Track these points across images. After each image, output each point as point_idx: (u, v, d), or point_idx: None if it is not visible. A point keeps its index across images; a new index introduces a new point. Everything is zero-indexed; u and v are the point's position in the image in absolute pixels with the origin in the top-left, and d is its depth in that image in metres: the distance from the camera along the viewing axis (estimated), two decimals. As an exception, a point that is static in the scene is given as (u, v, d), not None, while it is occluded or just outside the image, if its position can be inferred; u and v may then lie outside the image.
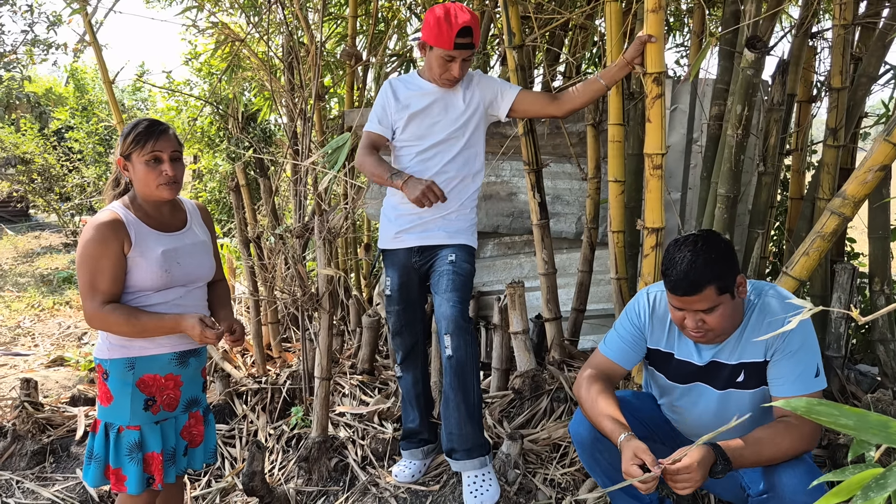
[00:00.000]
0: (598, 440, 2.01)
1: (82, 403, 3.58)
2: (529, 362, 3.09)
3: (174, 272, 2.05)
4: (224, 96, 7.22)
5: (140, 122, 2.04)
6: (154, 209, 2.09)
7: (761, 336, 1.89)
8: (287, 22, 4.08)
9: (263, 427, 3.26)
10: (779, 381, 1.91)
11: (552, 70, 4.29)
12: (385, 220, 2.73)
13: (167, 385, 2.10)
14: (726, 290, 1.84)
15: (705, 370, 2.03)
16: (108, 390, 2.05)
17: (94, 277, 1.95)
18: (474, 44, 2.47)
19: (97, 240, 1.94)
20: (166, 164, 2.01)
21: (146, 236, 2.02)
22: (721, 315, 1.86)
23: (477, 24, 2.49)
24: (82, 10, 3.93)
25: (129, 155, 2.01)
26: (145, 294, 2.03)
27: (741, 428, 1.68)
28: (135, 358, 2.04)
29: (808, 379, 1.88)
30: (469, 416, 2.51)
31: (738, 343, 1.96)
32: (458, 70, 2.51)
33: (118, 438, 2.04)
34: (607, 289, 3.75)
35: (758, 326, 1.94)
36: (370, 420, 3.16)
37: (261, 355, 3.74)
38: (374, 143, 2.66)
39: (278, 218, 4.00)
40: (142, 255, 1.99)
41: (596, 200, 3.47)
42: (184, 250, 2.10)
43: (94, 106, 11.48)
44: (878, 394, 2.71)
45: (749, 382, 1.97)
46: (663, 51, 2.48)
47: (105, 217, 1.97)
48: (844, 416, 0.73)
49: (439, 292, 2.54)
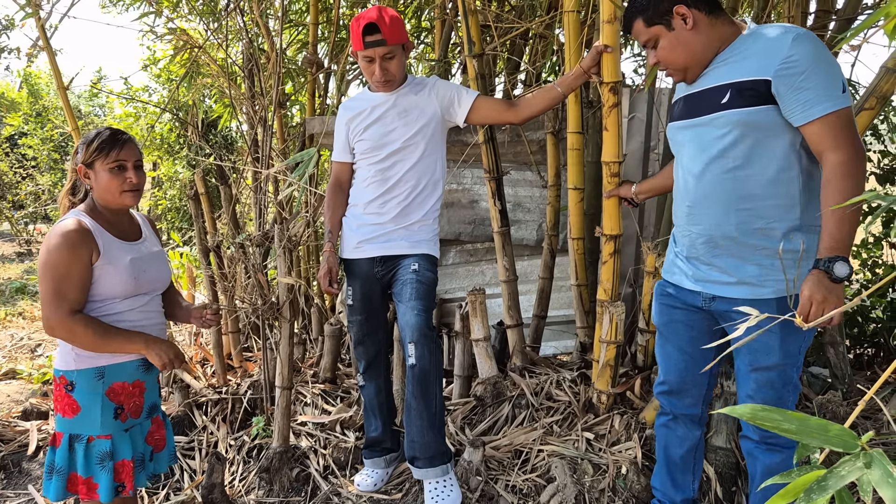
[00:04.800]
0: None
1: (35, 417, 3.49)
2: (491, 369, 3.11)
3: (141, 280, 2.07)
4: (184, 103, 7.12)
5: (103, 131, 2.06)
6: (115, 218, 2.09)
7: (747, 52, 1.81)
8: (247, 29, 4.05)
9: (224, 438, 3.21)
10: (800, 105, 1.71)
11: (513, 79, 4.33)
12: (347, 229, 2.73)
13: (134, 392, 2.10)
14: (657, 22, 1.89)
15: (691, 102, 1.96)
16: (73, 402, 2.02)
17: (62, 285, 1.92)
18: (386, 40, 2.45)
19: (66, 247, 1.92)
20: (130, 172, 2.04)
21: (112, 245, 2.02)
22: (665, 48, 1.91)
23: (389, 20, 2.46)
24: (35, 15, 3.85)
25: (91, 163, 2.02)
26: (112, 302, 2.02)
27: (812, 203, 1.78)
28: (104, 367, 2.02)
29: (836, 94, 1.69)
30: (431, 424, 2.51)
31: (719, 68, 1.87)
32: (381, 70, 2.50)
33: (88, 449, 2.02)
34: (568, 295, 3.79)
35: (744, 45, 1.83)
36: (332, 429, 3.15)
37: (221, 365, 3.69)
38: (339, 178, 2.75)
39: (239, 226, 3.95)
40: (110, 263, 1.99)
41: (556, 208, 3.51)
42: (146, 259, 2.12)
43: (49, 112, 11.20)
44: (829, 395, 2.78)
45: (735, 102, 1.81)
46: (619, 61, 2.53)
47: (73, 225, 1.95)
48: (787, 421, 0.75)
49: (403, 301, 2.55)
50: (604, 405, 2.84)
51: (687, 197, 1.98)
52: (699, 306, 2.02)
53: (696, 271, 2.00)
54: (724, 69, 1.85)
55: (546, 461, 2.66)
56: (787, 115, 1.75)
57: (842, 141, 1.69)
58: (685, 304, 2.08)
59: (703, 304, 2.00)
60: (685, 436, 2.25)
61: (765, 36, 1.80)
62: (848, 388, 3.09)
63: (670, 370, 2.20)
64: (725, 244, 1.90)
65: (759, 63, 1.76)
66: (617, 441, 2.71)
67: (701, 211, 1.94)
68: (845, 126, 1.69)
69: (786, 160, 1.80)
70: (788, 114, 1.74)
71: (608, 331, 2.69)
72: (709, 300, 1.98)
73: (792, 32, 1.74)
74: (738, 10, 3.10)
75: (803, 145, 1.79)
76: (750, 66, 1.78)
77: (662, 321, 2.19)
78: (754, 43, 1.81)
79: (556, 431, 2.82)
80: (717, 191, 1.88)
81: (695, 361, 2.14)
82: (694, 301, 2.04)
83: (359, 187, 2.69)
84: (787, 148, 1.79)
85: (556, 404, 2.98)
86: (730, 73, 1.83)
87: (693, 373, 2.15)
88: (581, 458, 2.62)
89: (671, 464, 2.29)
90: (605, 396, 2.82)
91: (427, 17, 5.16)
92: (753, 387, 1.96)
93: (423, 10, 4.99)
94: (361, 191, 2.68)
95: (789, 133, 1.78)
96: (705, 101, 1.89)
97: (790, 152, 1.80)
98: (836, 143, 1.69)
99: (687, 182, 1.98)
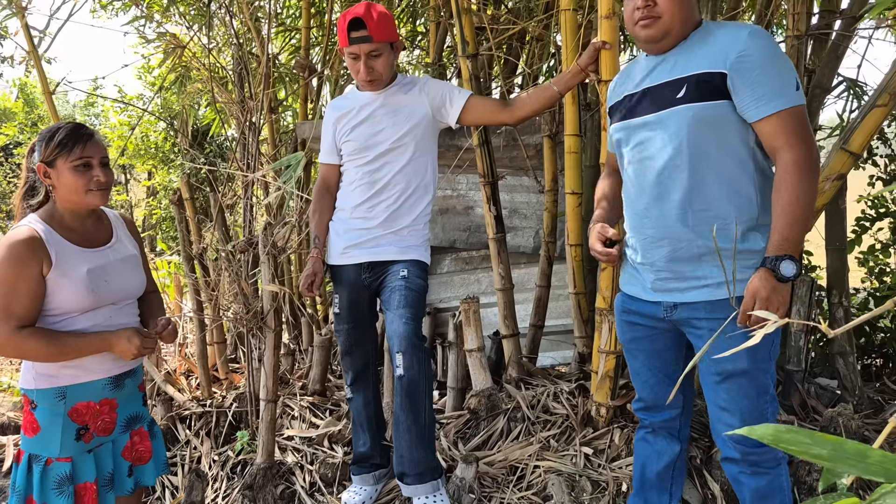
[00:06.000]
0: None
1: (11, 432, 3.37)
2: (486, 381, 2.98)
3: (101, 291, 1.89)
4: (177, 110, 7.03)
5: (62, 126, 1.89)
6: (76, 222, 1.93)
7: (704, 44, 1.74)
8: (238, 33, 3.95)
9: (207, 453, 3.09)
10: (754, 101, 1.67)
11: (509, 81, 4.23)
12: (333, 234, 2.61)
13: (102, 411, 1.95)
14: None
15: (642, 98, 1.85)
16: (34, 420, 1.88)
17: (9, 301, 1.76)
18: (372, 36, 2.35)
19: (12, 260, 1.76)
20: (97, 170, 1.89)
21: (69, 254, 1.86)
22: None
23: (377, 16, 2.36)
24: (20, 14, 3.76)
25: (52, 160, 1.86)
26: (70, 317, 1.86)
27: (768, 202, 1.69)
28: (65, 387, 1.88)
29: (790, 91, 1.66)
30: (420, 439, 2.39)
31: (677, 60, 1.79)
32: (366, 68, 2.40)
33: (45, 472, 1.87)
34: (566, 304, 3.67)
35: (702, 39, 1.77)
36: (320, 444, 3.01)
37: (206, 377, 3.56)
38: (326, 180, 2.65)
39: (229, 233, 3.84)
40: (64, 274, 1.83)
41: (553, 213, 3.39)
42: (111, 267, 1.95)
43: (44, 121, 11.12)
44: (839, 408, 2.65)
45: (691, 96, 1.73)
46: (618, 58, 2.42)
47: (21, 234, 1.79)
48: (817, 445, 0.63)
49: (391, 308, 2.43)
50: (603, 418, 2.71)
51: (641, 199, 1.87)
52: (661, 317, 1.89)
53: (654, 280, 1.88)
54: (679, 61, 1.78)
55: (542, 478, 2.52)
56: (742, 110, 1.70)
57: (795, 139, 1.65)
58: (646, 316, 1.95)
59: (665, 314, 1.87)
60: (664, 450, 2.11)
61: (719, 30, 1.75)
62: (858, 400, 2.96)
63: (643, 388, 2.08)
64: (682, 246, 1.79)
65: (715, 56, 1.71)
66: (617, 456, 2.58)
67: (655, 213, 1.82)
68: (799, 124, 1.66)
69: (741, 157, 1.74)
70: (743, 109, 1.70)
71: (607, 340, 2.56)
72: (670, 309, 1.86)
73: (747, 28, 1.71)
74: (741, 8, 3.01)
75: (757, 143, 1.74)
76: (705, 58, 1.72)
77: (626, 338, 2.06)
78: (708, 36, 1.76)
79: (553, 446, 2.69)
80: (671, 190, 1.78)
81: (666, 376, 2.02)
82: (655, 312, 1.91)
83: (346, 191, 2.58)
84: (741, 145, 1.74)
85: (553, 417, 2.85)
86: (685, 67, 1.76)
87: (666, 388, 2.03)
88: (579, 474, 2.49)
89: (646, 484, 2.14)
90: (604, 409, 2.69)
91: (421, 21, 5.07)
92: (725, 397, 1.82)
93: (418, 14, 4.90)
94: (349, 194, 2.56)
95: (742, 129, 1.73)
96: (659, 96, 1.80)
97: (744, 149, 1.74)
98: (790, 141, 1.65)
99: (641, 183, 1.86)
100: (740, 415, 1.80)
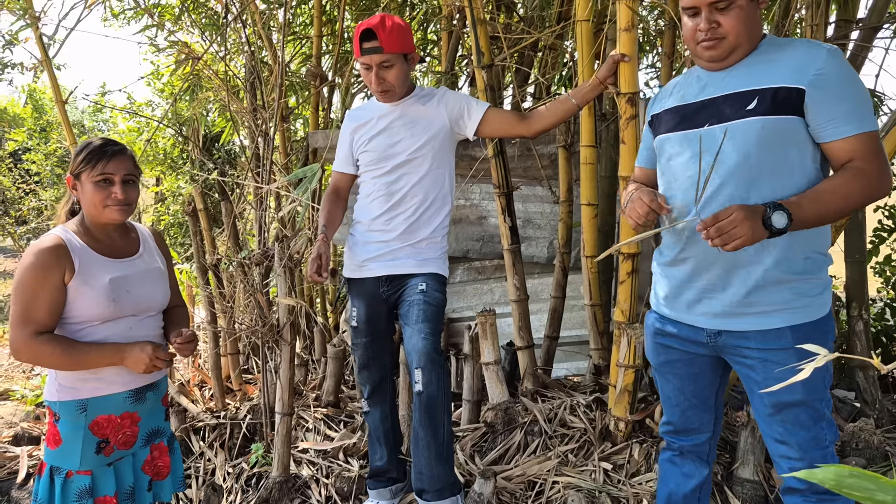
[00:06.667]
0: None
1: (26, 443, 3.35)
2: (502, 394, 2.96)
3: (123, 301, 1.90)
4: (187, 117, 7.03)
5: (93, 141, 1.92)
6: (103, 234, 1.95)
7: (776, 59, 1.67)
8: (249, 41, 3.95)
9: (221, 465, 3.07)
10: (831, 120, 1.61)
11: (522, 91, 4.22)
12: (351, 246, 2.59)
13: (123, 424, 1.95)
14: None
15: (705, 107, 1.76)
16: (57, 433, 1.89)
17: (29, 306, 1.80)
18: (382, 47, 2.34)
19: (37, 266, 1.79)
20: (117, 187, 1.89)
21: (92, 263, 1.87)
22: (737, 18, 1.66)
23: (390, 27, 2.35)
24: (34, 26, 3.76)
25: (78, 174, 1.90)
26: (91, 325, 1.87)
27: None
28: (86, 400, 1.88)
29: (868, 115, 1.61)
30: (439, 455, 2.37)
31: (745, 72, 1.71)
32: (377, 79, 2.40)
33: (66, 484, 1.87)
34: (581, 315, 3.64)
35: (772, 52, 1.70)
36: (335, 457, 3.00)
37: (220, 388, 3.54)
38: (337, 186, 2.65)
39: (240, 243, 3.83)
40: (86, 282, 1.84)
41: (568, 224, 3.37)
42: (134, 278, 1.95)
43: (53, 127, 11.13)
44: (861, 423, 2.63)
45: (764, 108, 1.65)
46: (637, 70, 2.40)
47: (47, 242, 1.83)
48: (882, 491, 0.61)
49: (410, 323, 2.41)
50: (622, 433, 2.68)
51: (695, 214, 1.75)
52: (702, 342, 1.81)
53: (698, 303, 1.79)
54: (747, 74, 1.69)
55: (562, 493, 2.50)
56: (815, 128, 1.62)
57: (873, 159, 1.60)
58: (683, 339, 1.86)
59: (708, 339, 1.80)
60: (692, 473, 2.02)
61: (791, 45, 1.67)
62: (879, 413, 2.93)
63: (673, 412, 2.01)
64: (739, 271, 1.70)
65: (792, 71, 1.62)
66: (637, 472, 2.56)
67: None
68: (879, 148, 1.62)
69: (806, 174, 1.66)
70: (816, 128, 1.62)
71: (626, 354, 2.54)
72: (714, 336, 1.78)
73: (824, 46, 1.64)
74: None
75: (822, 163, 1.67)
76: (780, 73, 1.64)
77: (658, 361, 1.97)
78: (780, 51, 1.68)
79: (571, 461, 2.67)
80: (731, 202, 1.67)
81: (700, 401, 1.95)
82: (695, 336, 1.83)
83: (363, 203, 2.57)
84: (808, 162, 1.66)
85: (570, 431, 2.83)
86: (756, 79, 1.67)
87: (698, 412, 1.96)
88: (599, 490, 2.47)
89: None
90: (622, 424, 2.67)
91: (433, 30, 5.06)
92: (780, 430, 1.75)
93: (430, 22, 4.89)
94: (366, 206, 2.55)
95: (809, 147, 1.65)
96: (725, 107, 1.70)
97: (811, 167, 1.66)
98: (867, 159, 1.59)
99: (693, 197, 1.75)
100: (798, 447, 1.73)
